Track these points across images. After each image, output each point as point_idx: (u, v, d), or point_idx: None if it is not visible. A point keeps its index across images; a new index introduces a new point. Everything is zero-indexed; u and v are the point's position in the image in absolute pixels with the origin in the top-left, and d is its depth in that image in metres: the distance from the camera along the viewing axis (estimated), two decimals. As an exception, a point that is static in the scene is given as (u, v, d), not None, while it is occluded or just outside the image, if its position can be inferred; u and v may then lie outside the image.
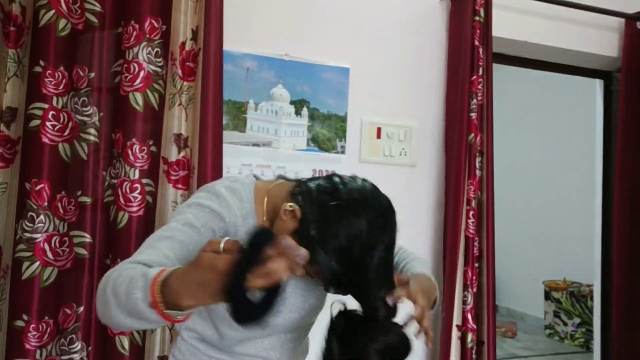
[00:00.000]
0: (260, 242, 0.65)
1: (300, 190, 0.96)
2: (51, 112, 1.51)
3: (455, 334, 1.98)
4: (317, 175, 1.94)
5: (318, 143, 1.96)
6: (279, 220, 0.96)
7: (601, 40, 2.43)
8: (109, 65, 1.64)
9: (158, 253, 0.85)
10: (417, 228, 2.13)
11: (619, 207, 2.41)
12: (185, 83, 1.68)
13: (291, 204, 0.94)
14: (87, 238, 1.61)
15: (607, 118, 2.65)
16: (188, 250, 0.89)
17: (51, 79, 1.51)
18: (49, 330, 1.53)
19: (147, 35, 1.61)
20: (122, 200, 1.58)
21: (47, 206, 1.51)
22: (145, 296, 0.70)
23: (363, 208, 0.90)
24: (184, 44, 1.67)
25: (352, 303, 0.94)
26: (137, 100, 1.60)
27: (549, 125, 5.14)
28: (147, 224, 1.63)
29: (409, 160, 2.11)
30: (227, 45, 1.77)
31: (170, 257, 0.85)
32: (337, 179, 0.96)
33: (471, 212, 2.00)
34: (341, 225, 0.88)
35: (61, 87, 1.54)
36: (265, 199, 1.02)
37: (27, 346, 1.49)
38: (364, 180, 0.98)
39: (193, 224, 0.92)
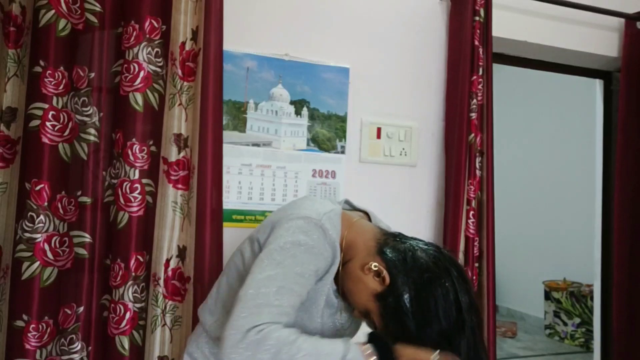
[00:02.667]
0: None
1: (390, 250, 0.95)
2: (51, 112, 1.51)
3: (455, 334, 1.98)
4: (316, 173, 1.95)
5: (318, 143, 1.96)
6: (356, 270, 0.95)
7: (601, 40, 2.42)
8: (109, 65, 1.64)
9: (287, 312, 0.90)
10: (417, 228, 2.12)
11: (619, 207, 2.41)
12: (185, 83, 1.68)
13: (377, 264, 0.93)
14: (87, 238, 1.61)
15: (607, 118, 2.65)
16: (300, 301, 0.92)
17: (51, 79, 1.51)
18: (49, 330, 1.52)
19: (147, 35, 1.61)
20: (122, 200, 1.58)
21: (47, 206, 1.51)
22: None
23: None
24: (184, 44, 1.67)
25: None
26: (137, 100, 1.60)
27: (549, 125, 5.14)
28: (147, 224, 1.63)
29: (409, 160, 2.11)
30: (227, 45, 1.77)
31: (291, 314, 0.90)
32: (430, 251, 0.94)
33: (471, 212, 2.00)
34: (435, 302, 0.88)
35: (61, 87, 1.53)
36: (346, 234, 0.99)
37: (27, 346, 1.49)
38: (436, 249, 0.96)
39: (302, 274, 0.91)
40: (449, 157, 2.10)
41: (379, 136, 2.06)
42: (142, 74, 1.60)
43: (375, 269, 0.92)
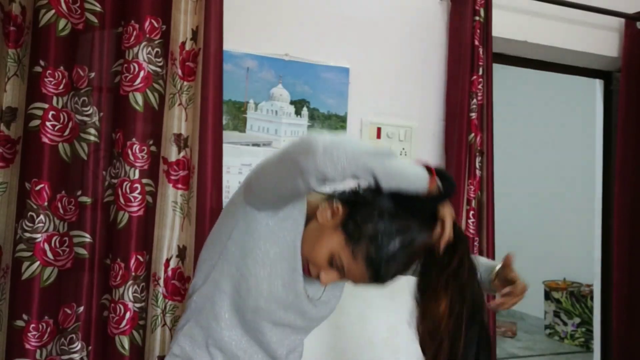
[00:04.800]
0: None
1: (338, 192, 0.98)
2: (51, 112, 1.51)
3: (455, 334, 1.98)
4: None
5: (318, 143, 1.96)
6: (313, 223, 0.96)
7: (601, 40, 2.43)
8: (109, 65, 1.64)
9: None
10: (417, 228, 2.12)
11: (619, 207, 2.41)
12: (185, 83, 1.68)
13: (327, 204, 0.96)
14: (87, 238, 1.61)
15: (607, 118, 2.65)
16: None
17: (51, 79, 1.51)
18: (49, 330, 1.53)
19: (147, 35, 1.61)
20: (122, 200, 1.58)
21: (47, 206, 1.51)
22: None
23: None
24: (184, 44, 1.67)
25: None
26: (137, 100, 1.60)
27: (549, 125, 5.14)
28: (147, 224, 1.63)
29: (409, 160, 2.11)
30: (227, 45, 1.77)
31: None
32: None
33: (471, 212, 2.00)
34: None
35: (61, 87, 1.53)
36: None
37: (27, 346, 1.49)
38: None
39: None
40: (449, 157, 2.10)
41: (379, 136, 2.06)
42: (142, 73, 1.60)
43: (327, 206, 0.96)
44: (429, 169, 0.90)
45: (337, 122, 1.99)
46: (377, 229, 0.90)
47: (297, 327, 1.06)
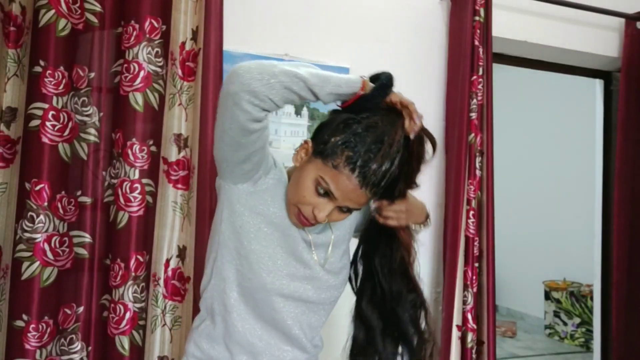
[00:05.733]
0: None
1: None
2: (51, 112, 1.51)
3: (455, 334, 1.98)
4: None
5: (318, 143, 1.96)
6: (293, 172, 1.00)
7: (601, 40, 2.43)
8: (109, 65, 1.64)
9: None
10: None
11: (619, 207, 2.41)
12: (185, 83, 1.68)
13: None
14: (87, 238, 1.61)
15: (607, 118, 2.65)
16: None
17: (51, 79, 1.51)
18: (48, 330, 1.52)
19: (147, 35, 1.61)
20: (122, 200, 1.58)
21: (47, 206, 1.51)
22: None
23: None
24: (184, 44, 1.67)
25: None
26: (137, 100, 1.60)
27: (549, 125, 5.14)
28: (147, 224, 1.63)
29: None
30: (227, 45, 1.77)
31: None
32: None
33: (471, 212, 2.00)
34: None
35: (61, 87, 1.53)
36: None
37: (27, 346, 1.49)
38: None
39: None
40: (449, 157, 2.10)
41: (379, 136, 2.06)
42: (142, 73, 1.60)
43: (299, 148, 1.00)
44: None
45: (337, 122, 1.99)
46: (346, 136, 0.91)
47: (309, 299, 1.04)
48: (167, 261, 1.65)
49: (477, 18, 2.02)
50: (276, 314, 1.01)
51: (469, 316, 1.99)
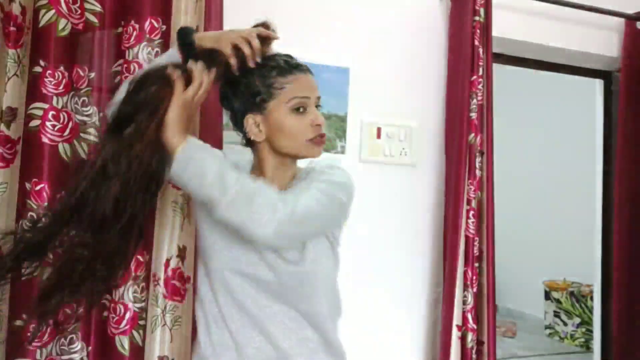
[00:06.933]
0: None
1: None
2: (51, 112, 1.51)
3: (455, 334, 1.98)
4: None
5: (318, 143, 1.96)
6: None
7: (601, 40, 2.43)
8: (109, 65, 1.64)
9: None
10: (417, 228, 2.13)
11: (619, 207, 2.41)
12: (185, 83, 1.67)
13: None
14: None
15: (607, 118, 2.65)
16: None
17: (51, 79, 1.51)
18: (48, 330, 1.52)
19: (147, 35, 1.61)
20: (122, 200, 1.58)
21: (47, 206, 1.51)
22: None
23: None
24: (184, 44, 1.66)
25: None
26: (137, 100, 1.59)
27: (549, 125, 5.14)
28: (147, 224, 1.62)
29: (409, 160, 2.11)
30: (227, 45, 1.76)
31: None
32: None
33: (471, 212, 2.00)
34: None
35: (61, 87, 1.53)
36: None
37: (27, 346, 1.48)
38: None
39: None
40: (449, 157, 2.10)
41: (379, 136, 2.06)
42: (142, 74, 1.59)
43: (247, 128, 1.18)
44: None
45: (337, 122, 1.99)
46: (259, 72, 1.16)
47: (268, 281, 1.07)
48: (167, 261, 1.64)
49: (477, 18, 2.02)
50: (237, 296, 1.14)
51: (469, 316, 1.99)
